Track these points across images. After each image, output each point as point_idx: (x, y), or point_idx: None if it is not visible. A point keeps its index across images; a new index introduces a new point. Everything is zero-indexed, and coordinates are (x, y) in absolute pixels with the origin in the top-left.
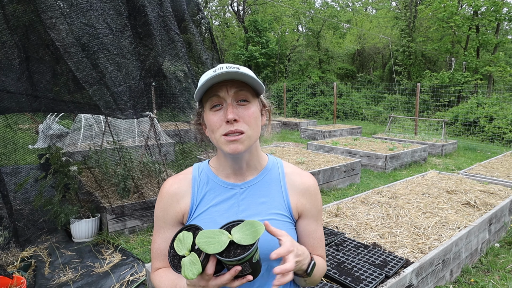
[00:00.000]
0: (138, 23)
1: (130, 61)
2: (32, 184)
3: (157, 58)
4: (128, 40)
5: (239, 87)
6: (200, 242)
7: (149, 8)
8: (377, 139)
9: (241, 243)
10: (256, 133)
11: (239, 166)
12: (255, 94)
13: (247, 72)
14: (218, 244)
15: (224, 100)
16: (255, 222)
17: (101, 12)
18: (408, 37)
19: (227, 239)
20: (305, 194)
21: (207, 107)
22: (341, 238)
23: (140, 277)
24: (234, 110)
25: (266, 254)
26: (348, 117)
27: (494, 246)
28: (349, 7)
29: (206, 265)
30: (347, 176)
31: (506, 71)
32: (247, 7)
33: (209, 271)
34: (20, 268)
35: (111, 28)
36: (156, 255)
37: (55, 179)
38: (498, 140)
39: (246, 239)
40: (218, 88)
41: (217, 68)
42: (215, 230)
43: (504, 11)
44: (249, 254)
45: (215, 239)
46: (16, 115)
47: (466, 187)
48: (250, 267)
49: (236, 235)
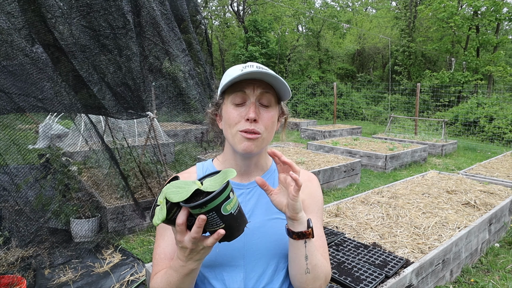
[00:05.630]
0: (140, 21)
1: (130, 61)
2: (32, 184)
3: (157, 58)
4: (129, 39)
5: (265, 89)
6: (168, 191)
7: (148, 8)
8: (377, 139)
9: (207, 190)
10: (270, 137)
11: (247, 166)
12: (277, 100)
13: (278, 76)
14: (185, 193)
15: (248, 97)
16: (229, 170)
17: (103, 12)
18: (408, 37)
19: (194, 187)
20: (304, 189)
21: (230, 100)
22: (341, 238)
23: (140, 277)
24: (256, 110)
25: (275, 254)
26: (348, 117)
27: (494, 246)
28: (349, 7)
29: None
30: (347, 176)
31: (506, 71)
32: (247, 7)
33: (179, 221)
34: (20, 268)
35: (112, 27)
36: (159, 260)
37: (55, 179)
38: (498, 140)
39: (213, 186)
40: (245, 84)
41: (247, 65)
42: (188, 181)
43: (504, 11)
44: (213, 200)
45: (184, 189)
46: (16, 115)
47: (466, 187)
48: (222, 220)
49: (206, 183)
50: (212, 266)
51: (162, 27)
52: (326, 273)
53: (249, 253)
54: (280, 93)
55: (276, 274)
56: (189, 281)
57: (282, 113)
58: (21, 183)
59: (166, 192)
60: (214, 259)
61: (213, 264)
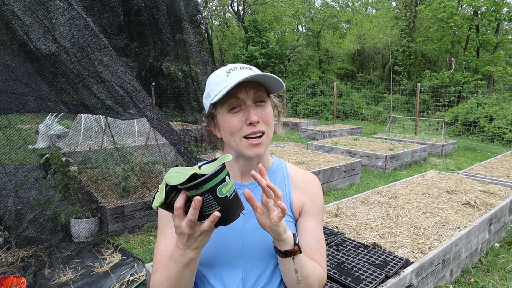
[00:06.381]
0: (137, 22)
1: (130, 61)
2: (32, 184)
3: (157, 58)
4: (126, 40)
5: (257, 87)
6: (167, 176)
7: (147, 8)
8: (377, 139)
9: (203, 173)
10: (272, 133)
11: (249, 166)
12: (268, 94)
13: (270, 74)
14: (182, 176)
15: (244, 102)
16: (225, 155)
17: (98, 16)
18: (408, 37)
19: (192, 171)
20: (305, 191)
21: (225, 109)
22: (341, 238)
23: (140, 277)
24: (255, 112)
25: (275, 254)
26: (348, 117)
27: (494, 246)
28: (349, 7)
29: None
30: (347, 176)
31: (506, 71)
32: (247, 7)
33: (177, 204)
34: (20, 268)
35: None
36: (160, 258)
37: (55, 179)
38: (498, 140)
39: (209, 170)
40: (236, 89)
41: (231, 68)
42: (187, 167)
43: (504, 11)
44: (208, 181)
45: (182, 174)
46: (15, 115)
47: (466, 187)
48: (217, 203)
49: (204, 167)
50: (211, 265)
51: (162, 28)
52: (319, 279)
53: (249, 253)
54: (270, 87)
55: (275, 275)
56: (189, 273)
57: (275, 106)
58: (21, 183)
59: (166, 176)
60: (214, 258)
61: (212, 263)
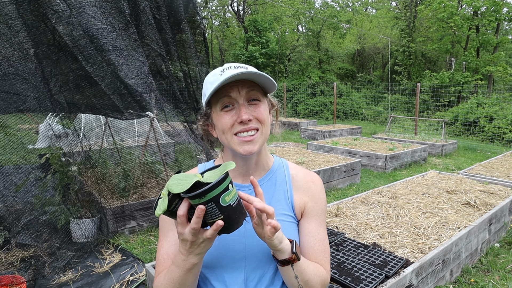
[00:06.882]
0: (140, 22)
1: (130, 61)
2: (32, 184)
3: (158, 58)
4: (130, 40)
5: (250, 86)
6: (170, 183)
7: (148, 8)
8: (377, 139)
9: (206, 181)
10: (268, 132)
11: (248, 166)
12: (264, 93)
13: (260, 72)
14: (185, 184)
15: (236, 100)
16: (228, 163)
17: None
18: (408, 37)
19: (195, 179)
20: (308, 192)
21: (218, 107)
22: (341, 238)
23: (140, 277)
24: (247, 110)
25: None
26: (348, 117)
27: (494, 246)
28: (349, 7)
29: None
30: (347, 176)
31: (506, 71)
32: (247, 7)
33: (179, 212)
34: (20, 268)
35: (114, 27)
36: (163, 260)
37: (55, 179)
38: (498, 140)
39: (213, 178)
40: (229, 88)
41: (225, 67)
42: (190, 174)
43: (504, 11)
44: (211, 190)
45: (185, 181)
46: (15, 115)
47: (466, 187)
48: (220, 212)
49: (206, 175)
50: (214, 267)
51: (162, 29)
52: (322, 281)
53: (250, 255)
54: (265, 87)
55: (277, 276)
56: (192, 278)
57: (272, 105)
58: (21, 184)
59: (168, 184)
60: (216, 260)
61: (214, 265)
